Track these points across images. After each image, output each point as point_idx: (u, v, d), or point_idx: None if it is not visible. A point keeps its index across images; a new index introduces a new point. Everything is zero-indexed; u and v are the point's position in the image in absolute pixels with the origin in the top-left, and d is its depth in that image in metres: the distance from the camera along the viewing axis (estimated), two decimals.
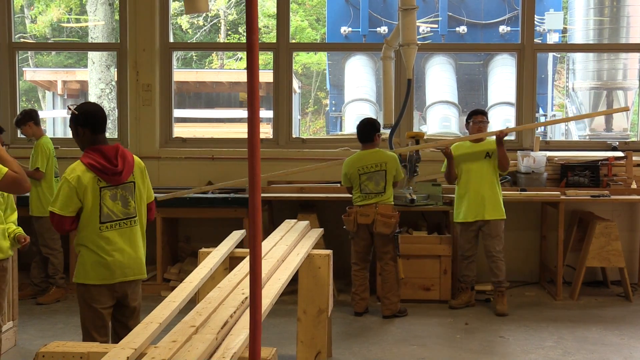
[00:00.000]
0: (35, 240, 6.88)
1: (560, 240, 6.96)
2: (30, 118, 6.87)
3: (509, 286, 7.43)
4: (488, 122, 6.68)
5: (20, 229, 4.62)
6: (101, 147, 3.95)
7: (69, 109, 4.04)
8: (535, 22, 9.01)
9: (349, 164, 6.37)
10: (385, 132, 7.53)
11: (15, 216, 4.67)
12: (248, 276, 3.80)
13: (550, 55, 13.30)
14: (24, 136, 7.20)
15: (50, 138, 6.99)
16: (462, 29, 12.94)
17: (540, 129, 13.09)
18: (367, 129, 6.37)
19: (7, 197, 4.57)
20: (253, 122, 2.00)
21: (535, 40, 8.22)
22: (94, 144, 3.97)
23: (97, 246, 3.89)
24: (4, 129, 4.95)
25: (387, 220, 6.16)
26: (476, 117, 6.63)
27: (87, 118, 3.99)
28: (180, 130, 9.45)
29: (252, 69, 1.95)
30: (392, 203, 6.33)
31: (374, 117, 12.44)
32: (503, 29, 12.91)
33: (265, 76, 15.24)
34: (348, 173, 6.36)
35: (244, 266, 4.06)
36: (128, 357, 2.68)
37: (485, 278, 7.59)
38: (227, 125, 14.91)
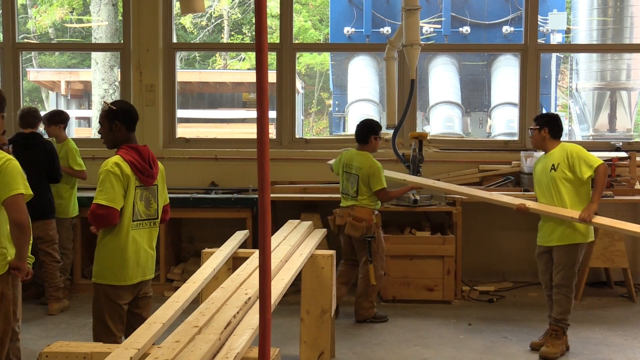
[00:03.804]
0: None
1: None
2: (64, 121, 7.01)
3: (512, 287, 7.43)
4: (537, 128, 5.46)
5: (28, 260, 4.20)
6: (138, 146, 4.00)
7: (105, 103, 4.05)
8: (539, 23, 9.01)
9: (341, 158, 6.39)
10: (388, 133, 7.53)
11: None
12: (251, 276, 3.81)
13: (554, 55, 13.28)
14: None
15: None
16: (466, 29, 12.92)
17: None
18: (363, 130, 6.29)
19: None
20: (262, 122, 2.02)
21: (538, 40, 8.21)
22: (127, 142, 3.99)
23: (127, 245, 3.93)
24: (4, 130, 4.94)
25: (355, 224, 6.06)
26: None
27: (125, 114, 4.01)
28: (183, 131, 9.47)
29: (261, 70, 1.97)
30: (371, 208, 6.15)
31: (377, 117, 12.47)
32: (506, 29, 12.89)
33: (269, 76, 15.20)
34: (337, 164, 6.38)
35: (247, 266, 4.06)
36: (131, 357, 2.68)
37: (487, 278, 7.61)
38: (230, 125, 14.92)
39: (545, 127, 5.43)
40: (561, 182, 5.33)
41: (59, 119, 6.95)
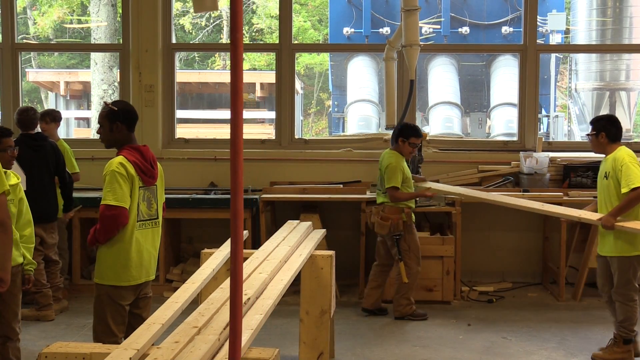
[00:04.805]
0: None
1: (563, 241, 6.96)
2: (58, 119, 7.02)
3: (512, 287, 7.43)
4: (592, 134, 5.31)
5: (29, 267, 4.32)
6: (139, 147, 4.01)
7: (106, 104, 4.05)
8: (538, 23, 9.01)
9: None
10: (387, 133, 7.54)
11: (30, 230, 4.36)
12: (250, 277, 3.81)
13: (553, 56, 13.29)
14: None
15: None
16: (465, 29, 12.93)
17: (543, 130, 13.10)
18: (395, 131, 6.45)
19: (20, 208, 4.31)
20: (236, 122, 1.94)
21: (537, 41, 8.20)
22: (128, 143, 4.00)
23: (130, 246, 3.94)
24: (12, 132, 4.94)
25: (381, 222, 6.22)
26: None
27: (126, 115, 4.02)
28: (182, 131, 9.47)
29: (236, 68, 1.89)
30: (400, 206, 6.24)
31: (376, 118, 12.49)
32: (505, 29, 12.90)
33: (268, 77, 15.23)
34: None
35: (247, 267, 4.06)
36: (130, 358, 2.68)
37: (487, 278, 7.60)
38: (229, 126, 14.91)
39: (602, 132, 5.24)
40: (610, 191, 5.18)
41: (57, 116, 6.95)
